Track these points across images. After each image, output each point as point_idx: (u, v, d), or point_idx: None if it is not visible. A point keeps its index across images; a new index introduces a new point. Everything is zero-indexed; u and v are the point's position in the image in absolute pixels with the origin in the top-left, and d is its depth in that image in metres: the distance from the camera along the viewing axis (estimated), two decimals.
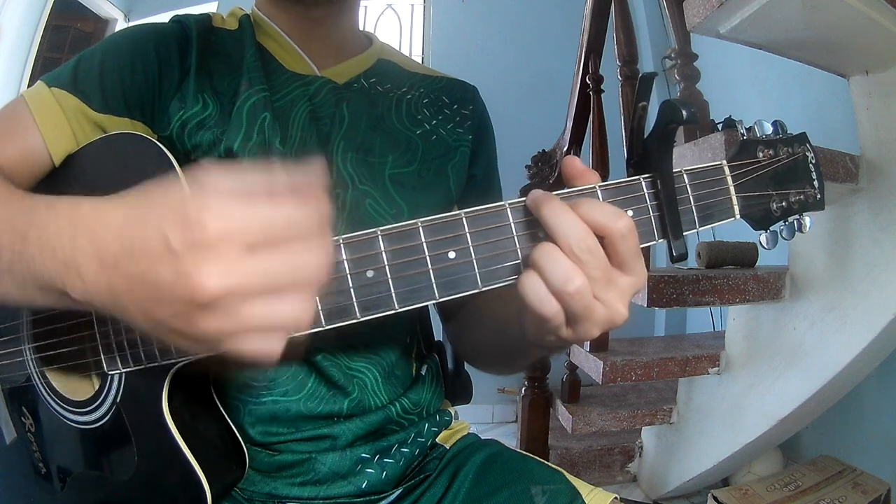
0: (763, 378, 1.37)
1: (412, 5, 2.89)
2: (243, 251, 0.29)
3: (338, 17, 0.63)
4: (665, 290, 1.29)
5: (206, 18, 0.61)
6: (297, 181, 0.31)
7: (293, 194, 0.31)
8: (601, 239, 0.36)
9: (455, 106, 0.68)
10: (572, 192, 0.39)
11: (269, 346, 0.31)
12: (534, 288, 0.36)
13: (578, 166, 0.41)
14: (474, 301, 0.62)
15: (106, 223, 0.32)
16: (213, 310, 0.29)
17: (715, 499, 1.40)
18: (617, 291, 0.37)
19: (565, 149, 1.70)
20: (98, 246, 0.31)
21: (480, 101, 0.71)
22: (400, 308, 0.37)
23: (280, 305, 0.30)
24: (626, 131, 1.50)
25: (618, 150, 1.38)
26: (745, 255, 1.48)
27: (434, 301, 0.37)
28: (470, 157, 0.66)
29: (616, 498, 0.56)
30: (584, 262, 0.36)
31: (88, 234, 0.32)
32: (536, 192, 0.38)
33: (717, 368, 1.46)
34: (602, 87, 1.65)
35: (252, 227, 0.29)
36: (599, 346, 1.49)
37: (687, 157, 1.14)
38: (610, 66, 1.63)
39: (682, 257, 0.39)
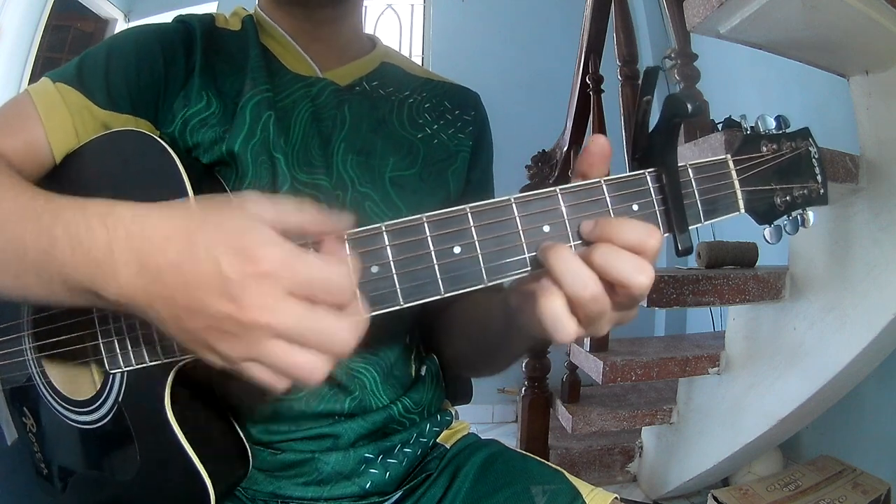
0: (763, 378, 1.37)
1: (412, 5, 2.90)
2: (285, 294, 0.32)
3: (341, 20, 0.63)
4: (665, 290, 1.29)
5: (209, 18, 0.61)
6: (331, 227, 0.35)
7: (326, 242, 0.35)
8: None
9: (457, 111, 0.68)
10: (574, 186, 0.39)
11: (276, 382, 0.34)
12: (554, 309, 0.36)
13: (604, 147, 0.39)
14: (452, 306, 0.62)
15: (150, 233, 0.33)
16: (243, 335, 0.32)
17: (715, 499, 1.40)
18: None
19: (565, 149, 1.70)
20: (138, 253, 0.33)
21: (482, 108, 0.71)
22: (405, 304, 0.37)
23: (298, 356, 0.33)
24: (626, 130, 1.50)
25: (618, 149, 1.38)
26: (745, 255, 1.49)
27: (440, 296, 0.37)
28: (469, 163, 0.66)
29: (616, 498, 0.56)
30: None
31: (127, 239, 0.33)
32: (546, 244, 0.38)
33: (717, 368, 1.46)
34: (602, 87, 1.65)
35: (298, 276, 0.32)
36: (599, 346, 1.49)
37: (687, 157, 1.11)
38: (610, 66, 1.64)
39: (688, 251, 0.39)
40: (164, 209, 0.34)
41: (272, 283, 0.31)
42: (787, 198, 0.42)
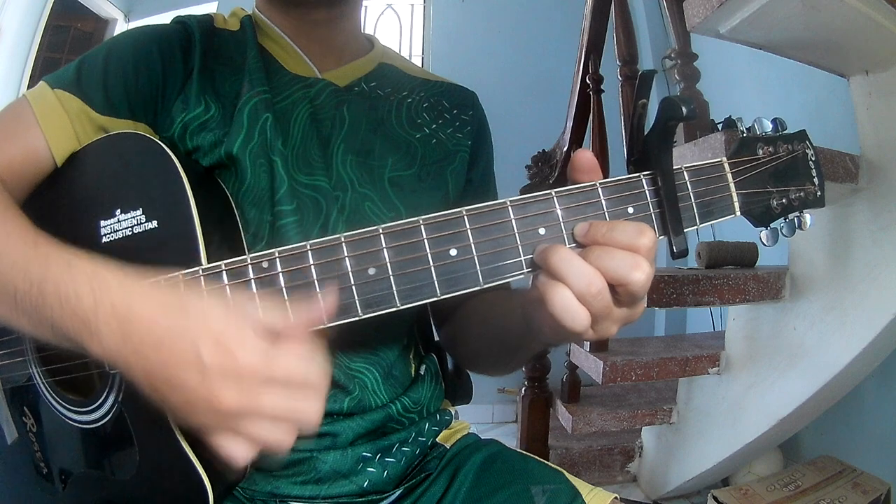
0: (763, 378, 1.37)
1: (412, 5, 2.90)
2: (260, 384, 0.34)
3: (338, 21, 0.63)
4: (665, 290, 1.29)
5: (207, 19, 0.61)
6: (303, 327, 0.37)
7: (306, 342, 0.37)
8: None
9: (455, 111, 0.68)
10: (570, 189, 0.39)
11: (243, 453, 0.36)
12: (564, 299, 0.37)
13: (590, 161, 0.41)
14: (467, 304, 0.62)
15: (134, 310, 0.35)
16: (218, 415, 0.35)
17: (715, 499, 1.40)
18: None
19: (565, 149, 1.71)
20: (122, 324, 0.35)
21: (480, 107, 0.71)
22: (402, 305, 0.37)
23: (270, 431, 0.35)
24: (625, 130, 1.50)
25: (618, 149, 1.38)
26: (745, 255, 1.49)
27: (436, 298, 0.37)
28: (468, 162, 0.66)
29: (616, 498, 0.56)
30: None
31: (111, 309, 0.35)
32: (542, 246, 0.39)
33: (717, 368, 1.46)
34: (602, 87, 1.65)
35: (273, 370, 0.34)
36: (599, 346, 1.48)
37: (687, 157, 1.14)
38: (610, 66, 1.64)
39: (683, 254, 0.39)
40: (149, 287, 0.37)
41: (248, 378, 0.34)
42: (784, 200, 0.42)
